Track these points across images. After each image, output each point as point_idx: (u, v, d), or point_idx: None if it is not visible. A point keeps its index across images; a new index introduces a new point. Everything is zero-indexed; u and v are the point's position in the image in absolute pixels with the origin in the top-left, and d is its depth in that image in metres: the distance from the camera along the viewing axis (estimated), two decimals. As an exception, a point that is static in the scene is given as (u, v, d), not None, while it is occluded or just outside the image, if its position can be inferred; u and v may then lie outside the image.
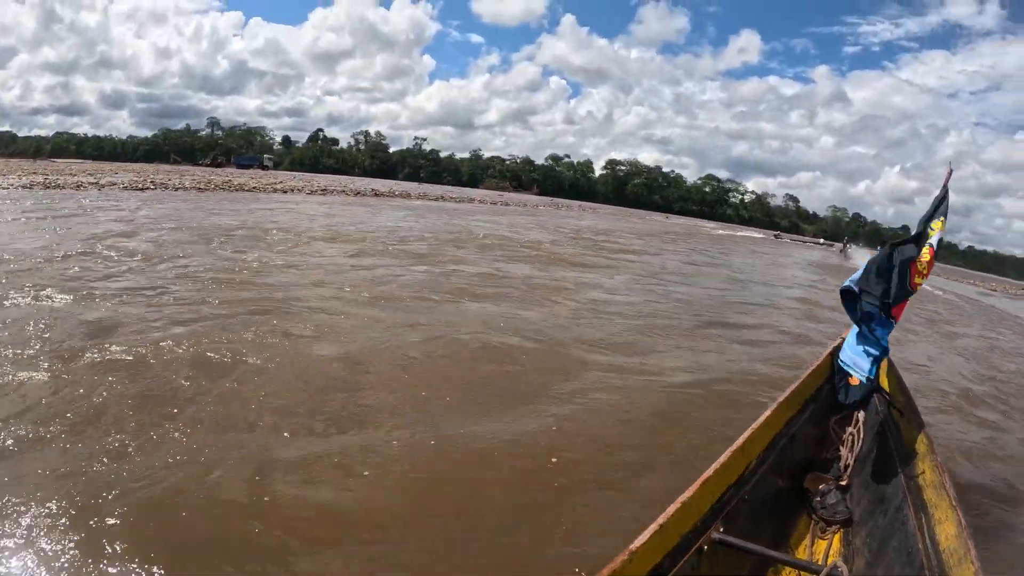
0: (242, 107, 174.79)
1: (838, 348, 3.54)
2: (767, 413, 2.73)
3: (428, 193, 46.62)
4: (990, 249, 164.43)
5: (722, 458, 2.28)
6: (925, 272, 3.02)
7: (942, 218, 3.13)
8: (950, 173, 3.36)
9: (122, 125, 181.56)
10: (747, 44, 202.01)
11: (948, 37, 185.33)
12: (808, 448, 3.14)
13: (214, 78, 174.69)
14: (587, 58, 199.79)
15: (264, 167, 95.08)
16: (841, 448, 3.12)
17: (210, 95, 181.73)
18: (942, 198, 3.21)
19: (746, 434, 2.51)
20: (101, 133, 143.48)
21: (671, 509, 1.92)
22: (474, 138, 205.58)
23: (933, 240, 3.05)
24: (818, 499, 2.81)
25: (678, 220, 72.99)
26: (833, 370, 3.46)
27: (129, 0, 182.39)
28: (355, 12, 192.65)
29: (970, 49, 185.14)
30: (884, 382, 3.33)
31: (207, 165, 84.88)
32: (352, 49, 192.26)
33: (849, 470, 2.97)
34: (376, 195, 36.53)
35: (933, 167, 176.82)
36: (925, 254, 3.01)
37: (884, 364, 3.34)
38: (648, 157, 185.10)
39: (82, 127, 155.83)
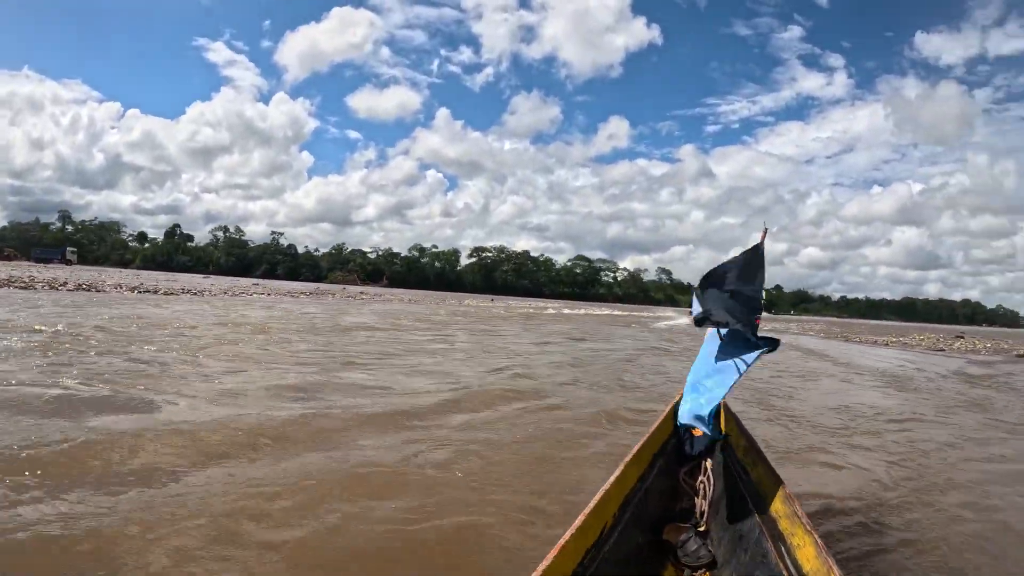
0: (117, 203, 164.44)
1: (679, 402, 3.46)
2: (617, 472, 2.64)
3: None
4: (861, 296, 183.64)
5: (577, 522, 2.15)
6: None
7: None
8: (765, 233, 3.32)
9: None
10: (616, 130, 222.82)
11: (801, 109, 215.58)
12: (663, 501, 3.11)
13: (88, 172, 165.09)
14: (462, 150, 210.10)
15: (67, 261, 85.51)
16: (695, 497, 3.11)
17: (84, 189, 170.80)
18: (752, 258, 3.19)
19: (598, 496, 2.40)
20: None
21: None
22: (353, 234, 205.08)
23: None
24: (680, 548, 2.82)
25: (512, 301, 67.97)
26: (676, 423, 3.42)
27: (4, 85, 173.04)
28: (233, 107, 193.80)
29: (823, 117, 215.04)
30: (725, 428, 3.35)
31: (-9, 257, 76.36)
32: (230, 145, 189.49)
33: (706, 516, 2.98)
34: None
35: (798, 228, 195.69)
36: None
37: (723, 411, 3.39)
38: (526, 244, 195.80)
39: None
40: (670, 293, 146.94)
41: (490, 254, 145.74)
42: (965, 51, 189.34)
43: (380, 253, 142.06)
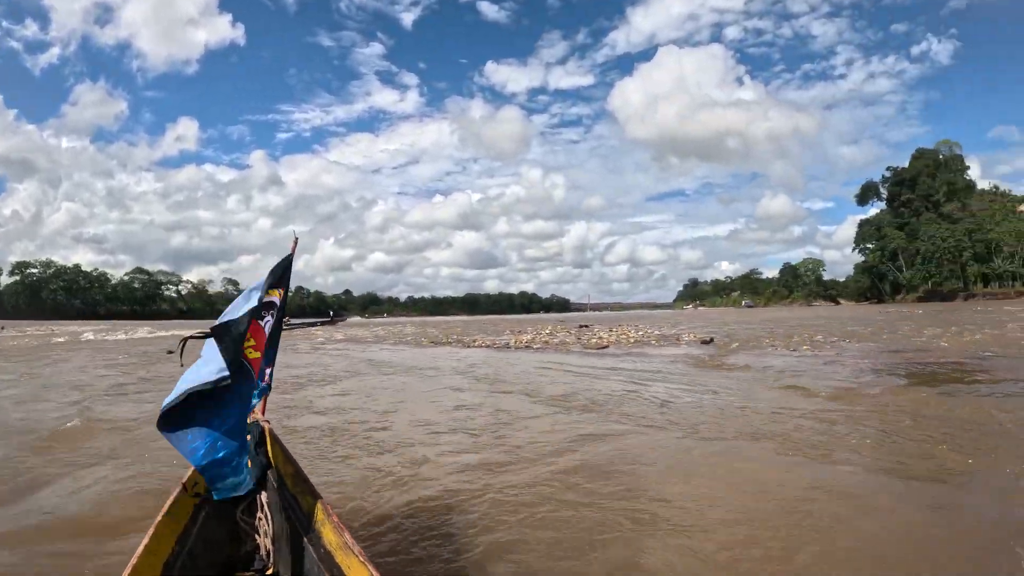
0: None
1: None
2: (146, 538, 2.27)
3: None
4: (427, 295, 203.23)
5: None
6: (254, 344, 2.89)
7: (280, 289, 3.20)
8: (296, 242, 3.47)
9: None
10: (185, 131, 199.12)
11: (372, 122, 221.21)
12: (222, 550, 2.84)
13: None
14: (12, 146, 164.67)
15: None
16: (257, 536, 2.89)
17: None
18: (285, 267, 3.28)
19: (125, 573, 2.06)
20: None
21: None
22: None
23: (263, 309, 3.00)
24: None
25: (34, 328, 51.54)
26: None
27: None
28: None
29: (392, 131, 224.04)
30: (272, 455, 3.13)
31: None
32: None
33: (271, 556, 2.83)
34: None
35: (365, 234, 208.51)
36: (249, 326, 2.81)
37: (270, 438, 3.18)
38: (83, 258, 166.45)
39: None
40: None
41: (36, 270, 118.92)
42: (529, 82, 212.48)
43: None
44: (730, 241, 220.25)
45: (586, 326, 33.07)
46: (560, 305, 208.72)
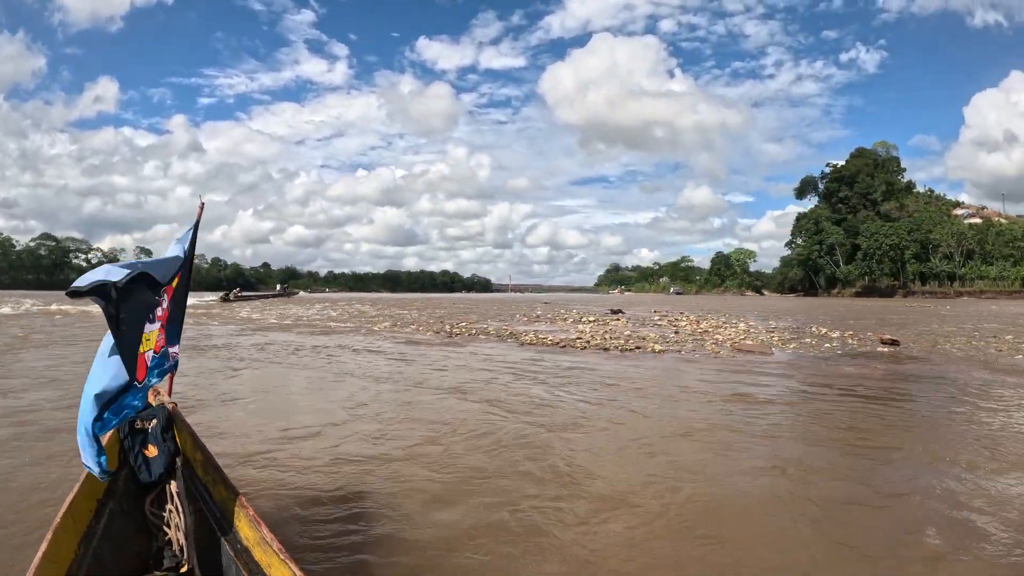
0: None
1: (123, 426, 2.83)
2: (44, 545, 2.04)
3: None
4: (347, 271, 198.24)
5: None
6: (160, 316, 2.76)
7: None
8: (202, 207, 3.28)
9: None
10: (104, 92, 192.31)
11: (299, 91, 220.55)
12: (131, 548, 2.62)
13: None
14: None
15: None
16: (168, 530, 2.70)
17: None
18: (193, 237, 3.08)
19: None
20: None
21: None
22: None
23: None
24: None
25: None
26: (124, 449, 2.82)
27: None
28: None
29: (318, 102, 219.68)
30: (181, 441, 2.91)
31: None
32: None
33: (186, 552, 2.62)
34: None
35: (286, 206, 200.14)
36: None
37: (177, 421, 2.95)
38: None
39: None
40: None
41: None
42: (460, 60, 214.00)
43: None
44: (651, 229, 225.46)
45: (619, 311, 29.39)
46: (482, 285, 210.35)
